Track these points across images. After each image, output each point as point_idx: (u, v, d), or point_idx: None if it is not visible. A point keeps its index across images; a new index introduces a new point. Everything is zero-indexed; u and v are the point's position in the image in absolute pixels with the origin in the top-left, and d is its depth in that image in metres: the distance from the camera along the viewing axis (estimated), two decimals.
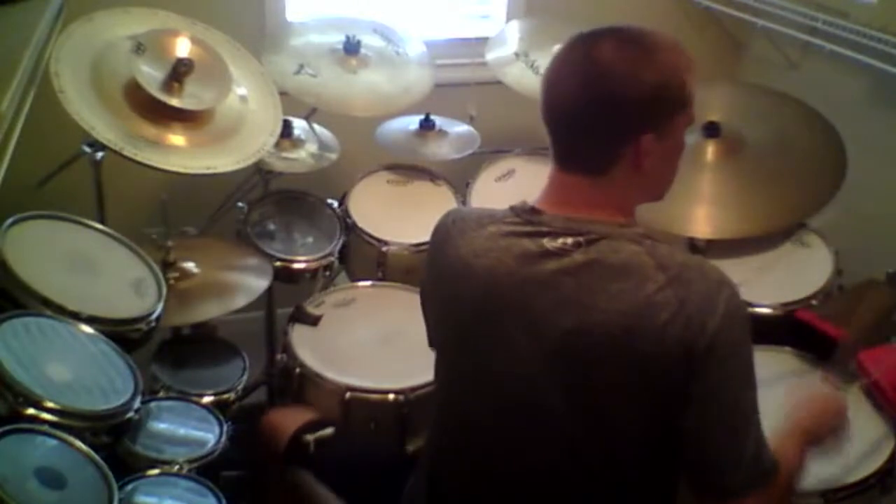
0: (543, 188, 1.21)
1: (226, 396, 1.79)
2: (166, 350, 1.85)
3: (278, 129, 1.97)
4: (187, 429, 1.56)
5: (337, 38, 2.19)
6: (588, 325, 1.09)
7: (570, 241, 1.13)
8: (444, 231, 1.28)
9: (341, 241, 2.12)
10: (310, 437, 1.56)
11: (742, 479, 1.10)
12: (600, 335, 1.09)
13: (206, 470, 1.48)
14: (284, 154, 2.09)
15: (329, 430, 1.58)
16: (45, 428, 1.17)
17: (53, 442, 1.17)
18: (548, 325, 1.12)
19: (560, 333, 1.11)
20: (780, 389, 1.63)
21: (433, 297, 1.33)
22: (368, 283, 2.07)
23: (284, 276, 2.03)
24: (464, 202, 2.20)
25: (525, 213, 1.19)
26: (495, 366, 1.19)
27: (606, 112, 1.12)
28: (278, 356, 1.86)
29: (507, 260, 1.16)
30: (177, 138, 1.78)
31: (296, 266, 2.04)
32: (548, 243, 1.14)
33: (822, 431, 1.30)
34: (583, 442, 1.15)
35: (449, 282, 1.24)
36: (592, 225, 1.14)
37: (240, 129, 1.89)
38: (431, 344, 1.37)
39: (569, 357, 1.12)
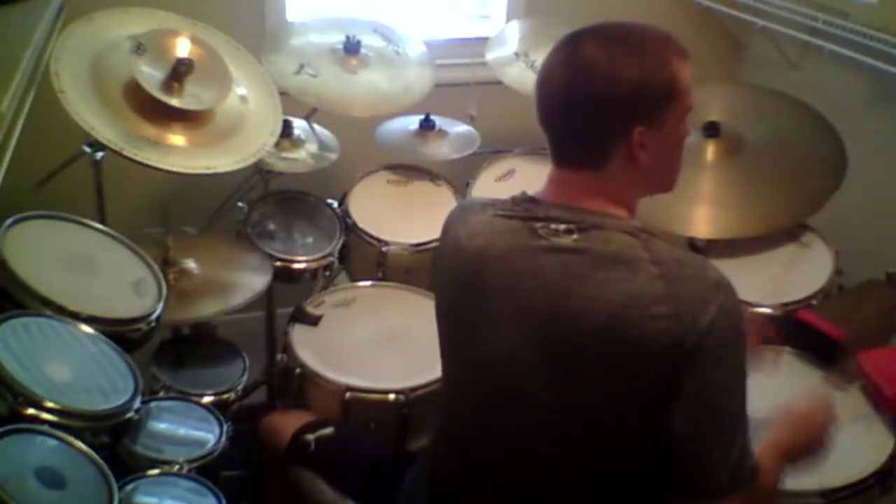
0: (544, 183, 1.22)
1: (226, 396, 1.78)
2: (166, 350, 1.85)
3: (278, 129, 1.97)
4: (187, 429, 1.56)
5: (337, 38, 2.19)
6: (574, 312, 1.09)
7: (562, 227, 1.14)
8: (450, 219, 1.31)
9: (341, 241, 2.12)
10: (310, 437, 1.56)
11: (725, 480, 1.09)
12: (586, 322, 1.09)
13: (206, 470, 1.48)
14: (284, 154, 2.09)
15: (329, 430, 1.59)
16: (45, 428, 1.17)
17: (53, 442, 1.17)
18: (534, 310, 1.13)
19: (546, 319, 1.12)
20: (780, 390, 1.64)
21: (434, 285, 1.34)
22: (368, 283, 2.07)
23: (284, 276, 2.03)
24: None
25: (523, 202, 1.20)
26: (485, 350, 1.19)
27: (591, 108, 1.13)
28: (278, 356, 1.86)
29: (499, 242, 1.17)
30: (177, 138, 1.78)
31: (296, 266, 2.04)
32: (540, 228, 1.15)
33: (801, 448, 1.28)
34: (570, 432, 1.15)
35: (445, 265, 1.26)
36: (587, 215, 1.15)
37: (240, 129, 1.89)
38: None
39: (555, 343, 1.12)
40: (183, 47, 1.83)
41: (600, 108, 1.12)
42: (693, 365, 1.06)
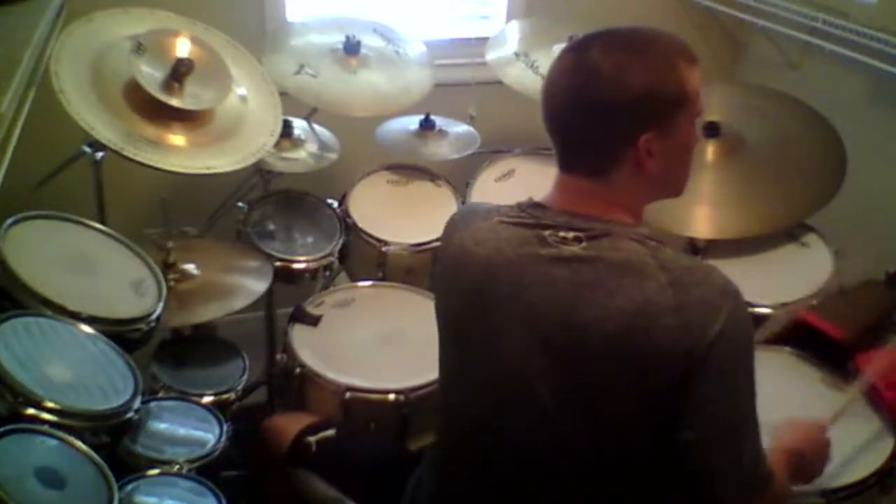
0: (550, 188, 1.21)
1: (226, 396, 1.78)
2: (166, 350, 1.85)
3: (278, 129, 1.97)
4: (187, 429, 1.56)
5: (337, 38, 2.19)
6: (584, 321, 1.09)
7: (571, 235, 1.13)
8: (453, 224, 1.30)
9: (341, 241, 2.11)
10: (312, 439, 1.56)
11: (737, 487, 1.10)
12: (596, 331, 1.08)
13: (206, 470, 1.48)
14: (284, 154, 2.09)
15: (331, 432, 1.59)
16: (45, 428, 1.17)
17: (53, 442, 1.17)
18: (543, 318, 1.12)
19: (555, 327, 1.11)
20: (780, 390, 1.64)
21: (437, 289, 1.34)
22: (368, 283, 2.07)
23: (284, 276, 2.03)
24: (464, 202, 2.20)
25: (530, 209, 1.20)
26: (493, 356, 1.18)
27: (598, 115, 1.12)
28: (278, 356, 1.86)
29: (507, 250, 1.17)
30: (177, 138, 1.78)
31: (296, 266, 2.04)
32: (549, 236, 1.14)
33: (805, 455, 1.30)
34: (575, 439, 1.15)
35: (450, 270, 1.25)
36: (595, 222, 1.14)
37: (240, 129, 1.89)
38: None
39: (564, 351, 1.11)
40: (183, 47, 1.83)
41: (607, 114, 1.11)
42: (703, 372, 1.06)
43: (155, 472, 1.41)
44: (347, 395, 1.68)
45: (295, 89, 2.08)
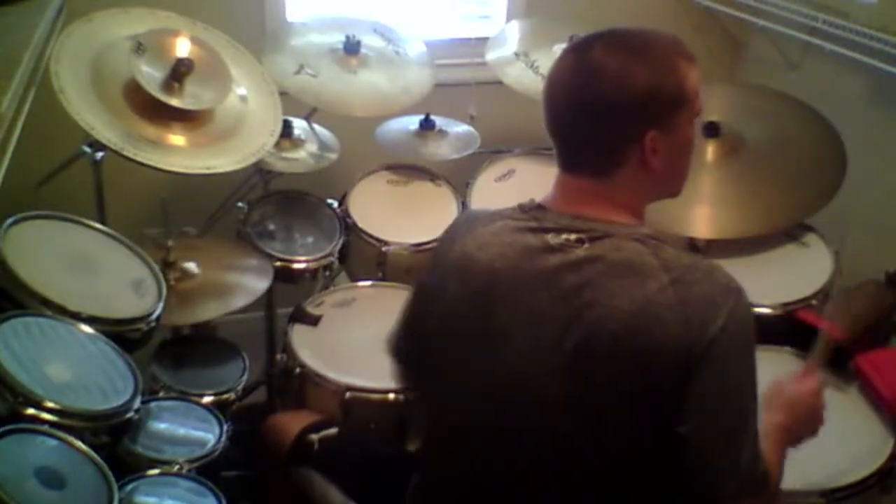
0: (551, 188, 1.21)
1: (226, 396, 1.78)
2: (166, 350, 1.85)
3: (278, 129, 1.97)
4: (187, 429, 1.56)
5: (337, 38, 2.19)
6: (587, 321, 1.09)
7: (573, 237, 1.13)
8: (454, 229, 1.30)
9: (341, 241, 2.12)
10: (314, 437, 1.56)
11: (734, 487, 1.09)
12: (600, 332, 1.08)
13: (206, 470, 1.48)
14: (284, 154, 2.09)
15: (333, 430, 1.59)
16: (45, 428, 1.17)
17: (53, 442, 1.17)
18: (546, 320, 1.12)
19: (558, 329, 1.11)
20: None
21: (433, 294, 1.32)
22: (368, 283, 2.07)
23: (284, 276, 2.03)
24: (464, 202, 2.20)
25: (532, 211, 1.20)
26: (493, 358, 1.18)
27: (601, 117, 1.12)
28: (278, 356, 1.86)
29: (510, 254, 1.17)
30: (177, 138, 1.78)
31: (296, 266, 2.04)
32: (551, 239, 1.14)
33: (800, 428, 1.29)
34: (578, 440, 1.14)
35: (453, 276, 1.24)
36: (597, 223, 1.14)
37: (240, 129, 1.89)
38: (397, 344, 1.39)
39: (566, 353, 1.11)
40: (183, 47, 1.83)
41: (608, 114, 1.12)
42: (703, 370, 1.06)
43: (155, 472, 1.41)
44: (347, 394, 1.68)
45: (295, 89, 2.08)
